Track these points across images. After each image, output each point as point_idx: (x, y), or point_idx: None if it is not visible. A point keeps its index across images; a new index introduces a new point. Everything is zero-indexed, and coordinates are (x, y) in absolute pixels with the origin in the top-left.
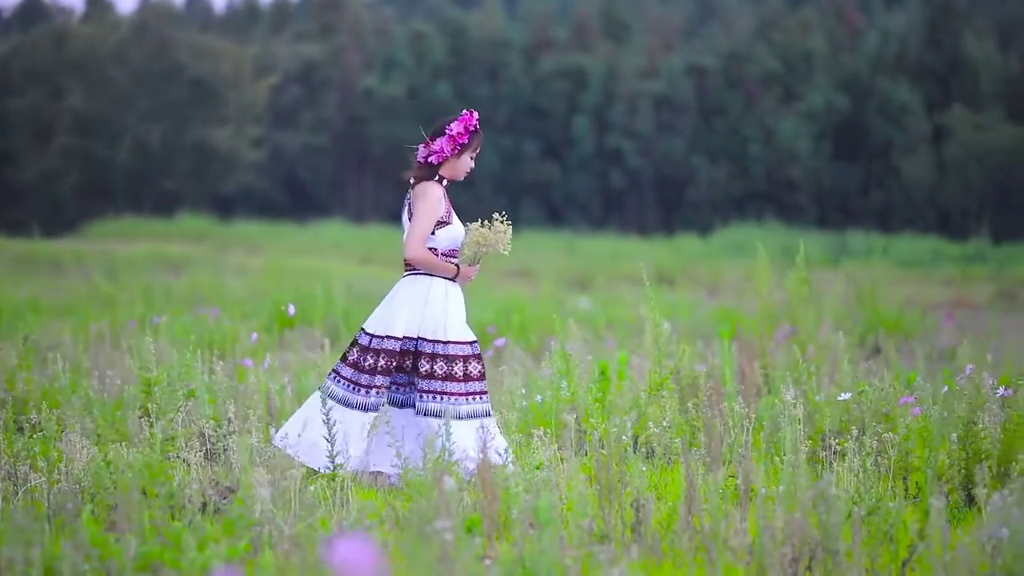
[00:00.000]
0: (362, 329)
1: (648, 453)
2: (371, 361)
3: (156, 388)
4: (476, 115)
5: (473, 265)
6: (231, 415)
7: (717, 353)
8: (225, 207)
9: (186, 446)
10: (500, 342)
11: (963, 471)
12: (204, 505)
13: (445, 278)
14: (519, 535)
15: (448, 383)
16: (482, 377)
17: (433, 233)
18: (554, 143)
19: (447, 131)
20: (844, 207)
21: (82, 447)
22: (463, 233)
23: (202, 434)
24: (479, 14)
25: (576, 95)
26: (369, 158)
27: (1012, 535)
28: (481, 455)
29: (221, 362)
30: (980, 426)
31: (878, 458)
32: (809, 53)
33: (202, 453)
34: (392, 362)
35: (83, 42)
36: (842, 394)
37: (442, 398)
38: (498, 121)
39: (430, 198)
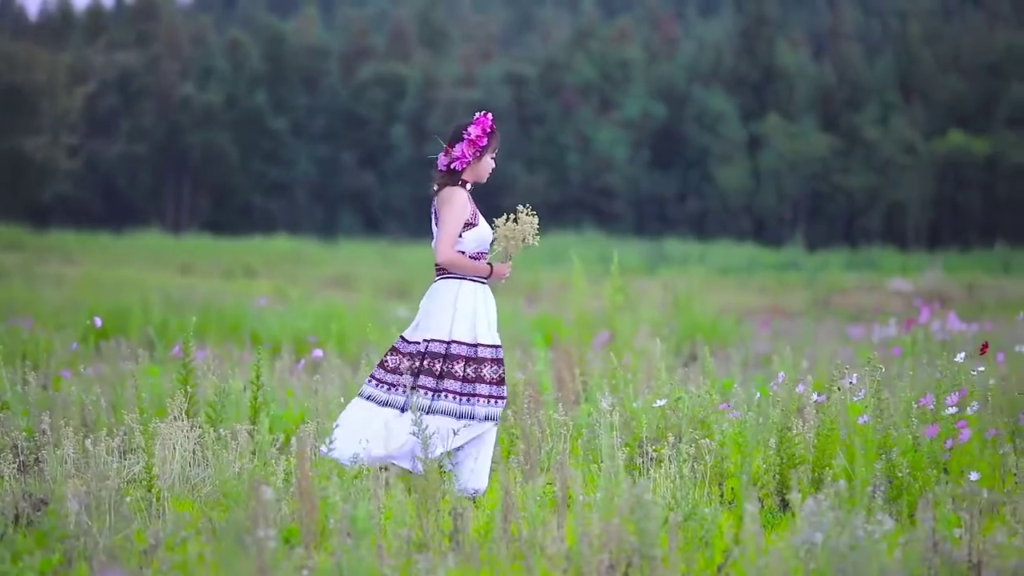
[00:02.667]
0: (400, 336)
1: None
2: (406, 363)
3: None
4: (491, 116)
5: (505, 262)
6: (45, 427)
7: (535, 361)
8: (40, 216)
9: None
10: (318, 353)
11: (778, 476)
12: (17, 518)
13: (478, 280)
14: (337, 545)
15: (477, 385)
16: (499, 382)
17: (460, 236)
18: (372, 151)
19: (465, 136)
20: (661, 215)
21: None
22: (490, 234)
23: (15, 446)
24: (296, 22)
25: (394, 103)
26: (187, 167)
27: (825, 539)
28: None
29: (34, 373)
30: (795, 432)
31: (694, 464)
32: (625, 62)
33: (15, 466)
34: (420, 363)
35: None
36: (658, 401)
37: (468, 400)
38: (315, 129)
39: (455, 202)
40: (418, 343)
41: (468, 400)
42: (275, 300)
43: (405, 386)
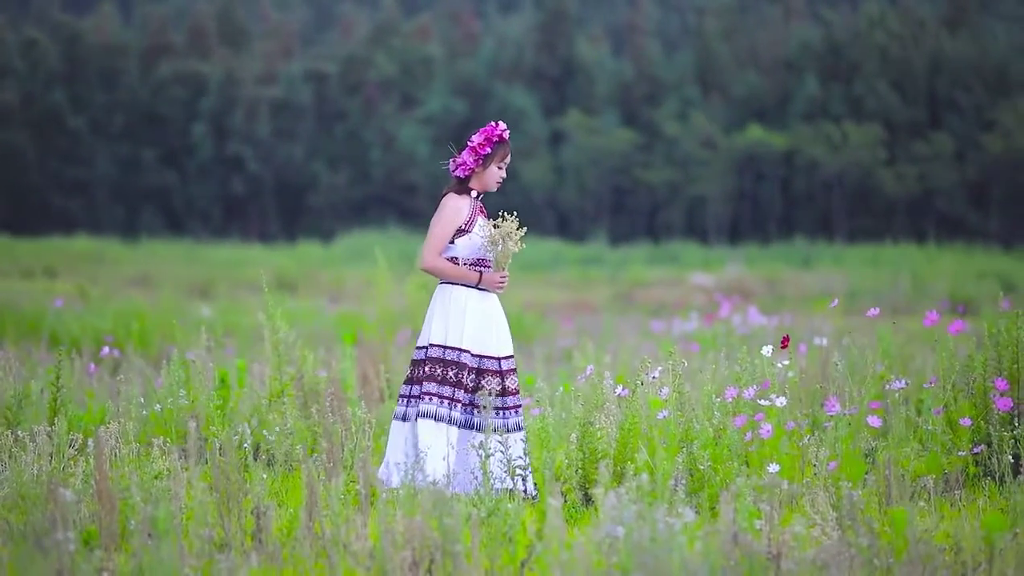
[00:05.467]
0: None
1: (269, 460)
2: (417, 372)
3: None
4: (501, 126)
5: (500, 269)
6: None
7: (339, 358)
8: None
9: None
10: (105, 350)
11: (581, 471)
12: None
13: (474, 287)
14: (138, 546)
15: (457, 390)
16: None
17: (453, 242)
18: (173, 150)
19: (468, 143)
20: None
21: None
22: (483, 243)
23: None
24: (93, 19)
25: (194, 101)
26: None
27: (627, 533)
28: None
29: None
30: (597, 426)
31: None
32: (426, 59)
33: None
34: (423, 371)
35: None
36: None
37: (450, 404)
38: (115, 128)
39: (446, 209)
40: (422, 349)
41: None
42: (75, 300)
43: (416, 396)
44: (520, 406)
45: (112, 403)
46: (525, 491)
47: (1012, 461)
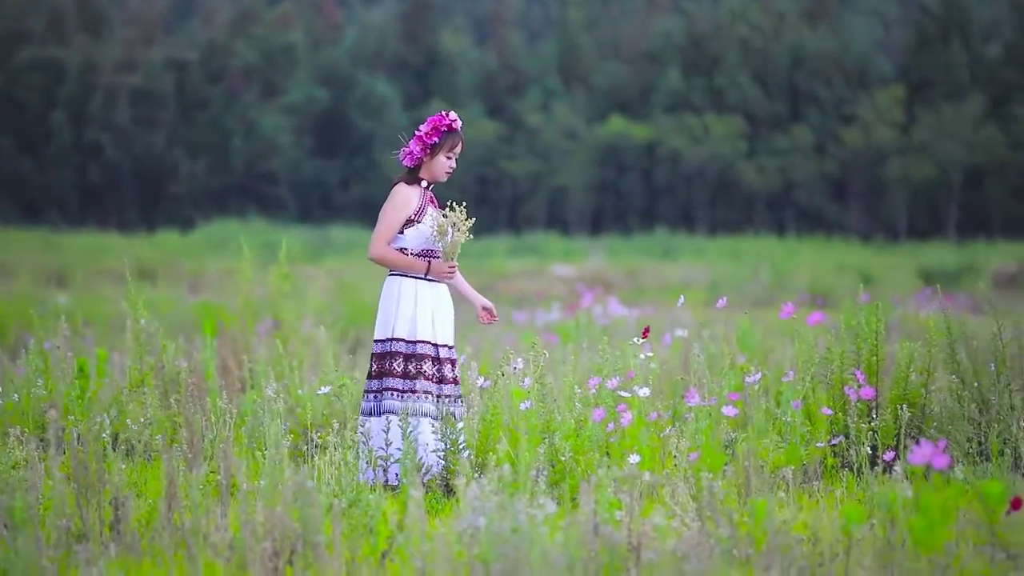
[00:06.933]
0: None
1: (129, 450)
2: (376, 366)
3: None
4: (450, 115)
5: (449, 259)
6: None
7: (200, 348)
8: None
9: None
10: None
11: (443, 461)
12: None
13: (423, 278)
14: None
15: (417, 381)
16: (431, 379)
17: (402, 232)
18: (30, 137)
19: (416, 132)
20: (326, 201)
21: None
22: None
23: None
24: None
25: (52, 88)
26: None
27: (489, 523)
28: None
29: None
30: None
31: (360, 451)
32: (289, 47)
33: None
34: (383, 365)
35: None
36: (323, 388)
37: (403, 396)
38: None
39: (394, 199)
40: (379, 342)
41: (409, 397)
42: None
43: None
44: (459, 396)
45: None
46: (387, 481)
47: (869, 452)
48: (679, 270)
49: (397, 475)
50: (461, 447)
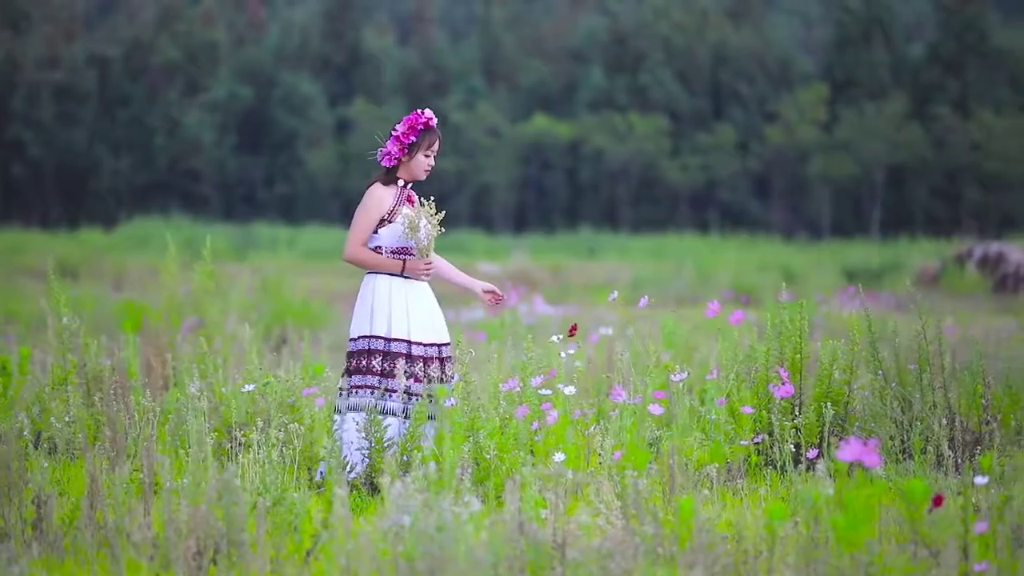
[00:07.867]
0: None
1: (51, 449)
2: (350, 364)
3: None
4: (426, 113)
5: (424, 256)
6: None
7: (124, 346)
8: None
9: None
10: None
11: (368, 459)
12: None
13: (398, 276)
14: None
15: (392, 380)
16: (383, 374)
17: (376, 232)
18: None
19: (393, 132)
20: (250, 199)
21: None
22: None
23: None
24: None
25: None
26: None
27: (413, 522)
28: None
29: None
30: (383, 415)
31: (284, 449)
32: (212, 44)
33: None
34: (354, 362)
35: None
36: (248, 385)
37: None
38: None
39: (367, 201)
40: (355, 340)
41: (386, 395)
42: None
43: (351, 388)
44: (432, 395)
45: None
46: (311, 478)
47: (793, 450)
48: (603, 269)
49: (322, 473)
50: (386, 445)
